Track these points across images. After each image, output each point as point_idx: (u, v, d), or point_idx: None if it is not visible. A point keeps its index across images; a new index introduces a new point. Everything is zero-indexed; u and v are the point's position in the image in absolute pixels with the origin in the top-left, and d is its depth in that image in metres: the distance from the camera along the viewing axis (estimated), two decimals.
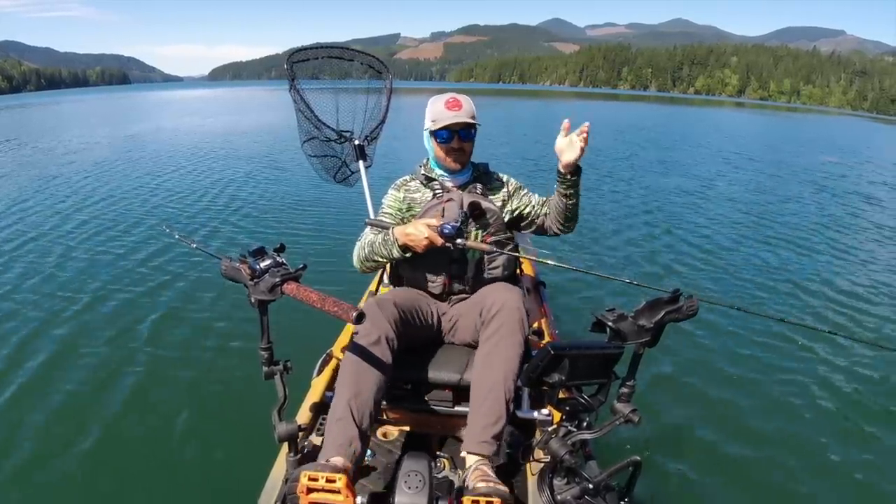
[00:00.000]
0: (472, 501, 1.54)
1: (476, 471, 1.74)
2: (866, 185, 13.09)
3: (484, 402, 1.85)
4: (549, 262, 2.09)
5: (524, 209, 2.41)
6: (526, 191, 2.46)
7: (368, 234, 2.25)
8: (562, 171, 2.14)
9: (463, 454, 1.85)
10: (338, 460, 1.64)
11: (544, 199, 2.45)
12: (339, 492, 1.46)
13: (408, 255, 2.12)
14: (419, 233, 1.99)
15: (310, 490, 1.47)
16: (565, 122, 2.06)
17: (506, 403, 1.85)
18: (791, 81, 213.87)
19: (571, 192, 2.19)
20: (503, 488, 1.63)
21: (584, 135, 2.01)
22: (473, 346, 2.14)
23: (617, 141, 19.96)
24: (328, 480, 1.46)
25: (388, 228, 2.13)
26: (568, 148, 2.07)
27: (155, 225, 7.28)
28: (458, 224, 1.96)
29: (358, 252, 2.27)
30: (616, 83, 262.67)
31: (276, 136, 18.73)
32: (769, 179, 12.85)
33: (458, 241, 1.96)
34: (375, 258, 2.20)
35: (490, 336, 1.95)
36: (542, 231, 2.47)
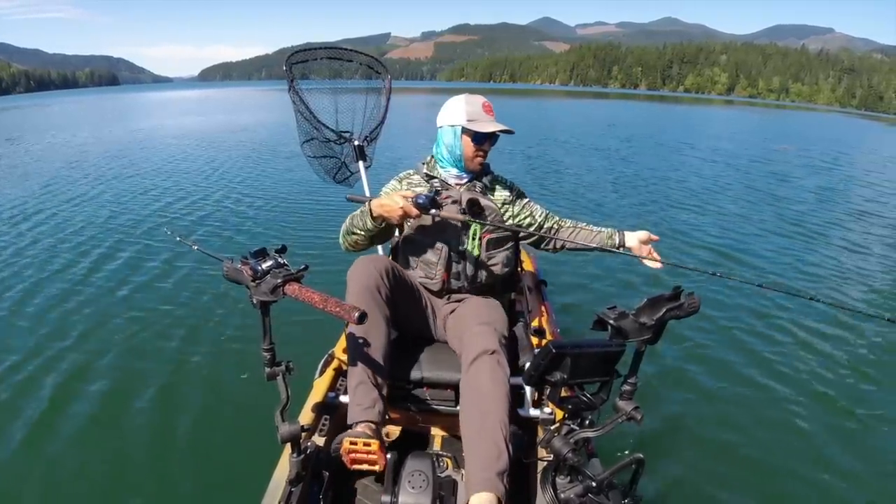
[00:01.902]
0: None
1: None
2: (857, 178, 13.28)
3: (481, 442, 1.74)
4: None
5: (525, 219, 2.41)
6: (528, 200, 2.45)
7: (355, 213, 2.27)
8: (625, 245, 2.39)
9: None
10: (366, 425, 1.83)
11: (548, 212, 2.47)
12: (374, 453, 1.74)
13: (382, 226, 2.11)
14: (394, 203, 1.96)
15: (351, 451, 1.75)
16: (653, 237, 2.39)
17: (504, 438, 1.74)
18: (780, 79, 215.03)
19: (603, 243, 2.42)
20: None
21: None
22: None
23: (606, 138, 20.15)
24: (365, 444, 1.74)
25: (366, 201, 2.13)
26: (648, 257, 2.32)
27: (156, 227, 7.26)
28: (432, 194, 1.94)
29: (342, 228, 2.27)
30: (606, 82, 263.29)
31: (274, 136, 18.71)
32: (760, 174, 12.96)
33: (433, 210, 1.94)
34: (354, 230, 2.20)
35: (469, 382, 1.88)
36: (541, 243, 2.50)
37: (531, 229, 2.42)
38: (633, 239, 2.38)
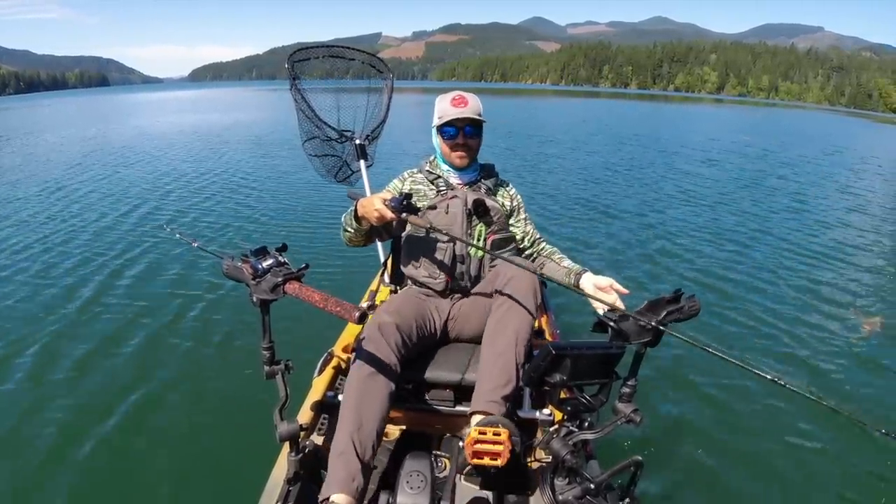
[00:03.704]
0: (479, 432, 1.55)
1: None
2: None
3: (495, 364, 1.87)
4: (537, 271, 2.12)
5: (516, 234, 2.42)
6: (525, 215, 2.46)
7: None
8: (579, 286, 2.19)
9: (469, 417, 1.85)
10: (340, 497, 1.61)
11: (537, 237, 2.46)
12: None
13: (364, 225, 2.12)
14: (371, 205, 1.97)
15: None
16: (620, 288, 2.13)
17: (516, 367, 1.87)
18: (769, 78, 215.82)
19: (564, 280, 2.27)
20: (508, 421, 1.67)
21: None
22: (477, 341, 2.13)
23: (597, 137, 20.25)
24: None
25: (358, 199, 2.13)
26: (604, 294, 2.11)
27: (155, 224, 7.23)
28: (402, 198, 1.92)
29: (341, 223, 2.29)
30: (597, 81, 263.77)
31: (274, 134, 18.72)
32: (753, 175, 13.03)
33: (403, 214, 1.92)
34: (346, 227, 2.22)
35: (502, 304, 1.98)
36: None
37: (517, 245, 2.43)
38: (587, 283, 2.20)
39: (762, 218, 8.75)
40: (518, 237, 2.41)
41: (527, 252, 2.45)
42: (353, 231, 2.20)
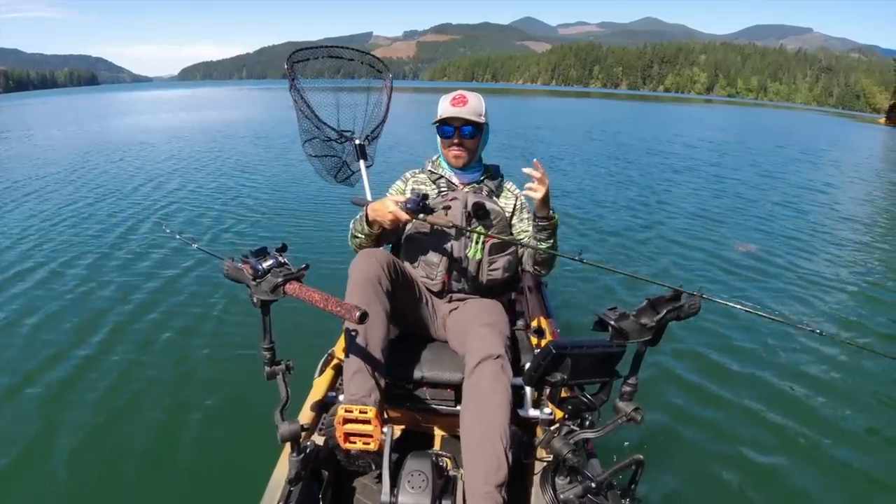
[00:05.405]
0: None
1: None
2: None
3: (480, 454, 1.72)
4: (559, 253, 2.07)
5: (517, 234, 2.38)
6: (528, 216, 2.39)
7: None
8: (536, 213, 2.14)
9: None
10: (367, 409, 1.73)
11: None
12: (369, 422, 1.68)
13: (375, 229, 2.14)
14: (384, 207, 2.00)
15: (346, 420, 1.69)
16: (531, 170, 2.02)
17: (504, 450, 1.71)
18: (758, 79, 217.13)
19: (544, 234, 2.18)
20: None
21: (537, 173, 2.00)
22: None
23: (595, 139, 20.30)
24: (361, 412, 1.68)
25: (366, 204, 2.15)
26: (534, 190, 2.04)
27: (155, 226, 7.17)
28: (419, 199, 1.94)
29: (349, 230, 2.30)
30: (587, 81, 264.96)
31: (273, 134, 18.69)
32: (752, 173, 13.06)
33: (421, 214, 1.94)
34: (356, 233, 2.24)
35: (472, 386, 1.84)
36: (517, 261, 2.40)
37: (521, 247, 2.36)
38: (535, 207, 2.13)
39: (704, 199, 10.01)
40: (521, 238, 2.37)
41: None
42: (363, 237, 2.21)
